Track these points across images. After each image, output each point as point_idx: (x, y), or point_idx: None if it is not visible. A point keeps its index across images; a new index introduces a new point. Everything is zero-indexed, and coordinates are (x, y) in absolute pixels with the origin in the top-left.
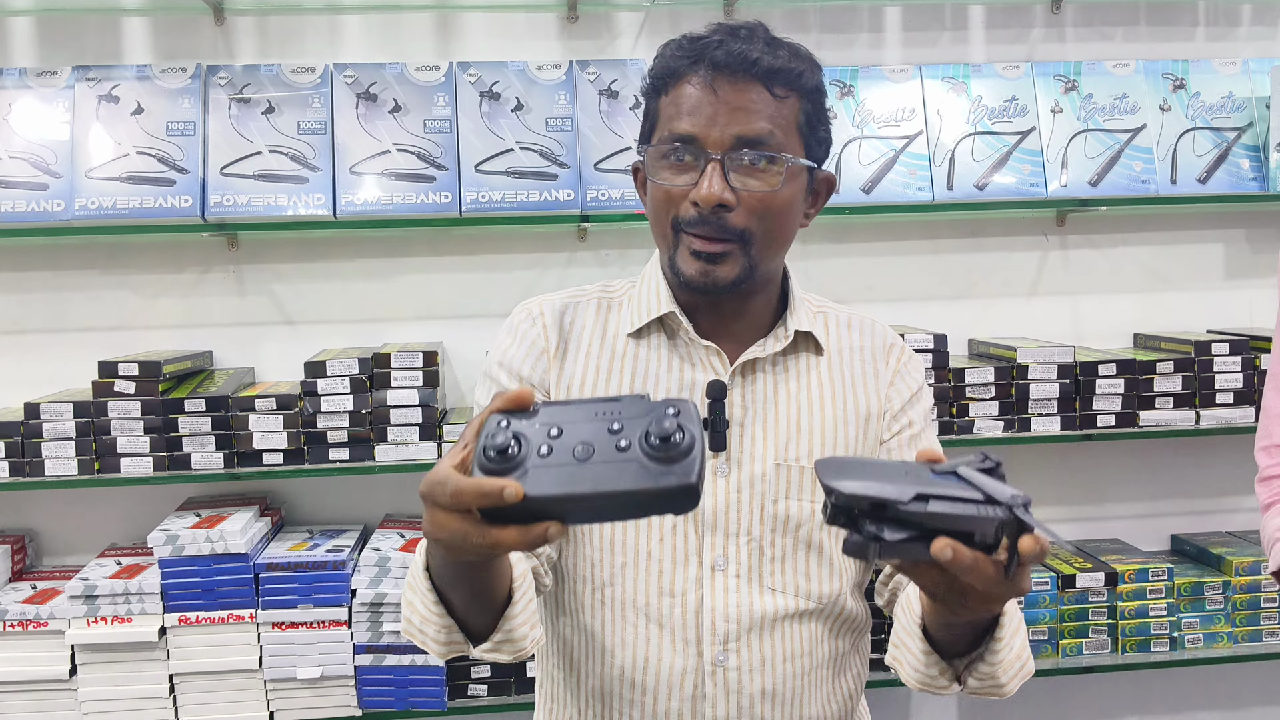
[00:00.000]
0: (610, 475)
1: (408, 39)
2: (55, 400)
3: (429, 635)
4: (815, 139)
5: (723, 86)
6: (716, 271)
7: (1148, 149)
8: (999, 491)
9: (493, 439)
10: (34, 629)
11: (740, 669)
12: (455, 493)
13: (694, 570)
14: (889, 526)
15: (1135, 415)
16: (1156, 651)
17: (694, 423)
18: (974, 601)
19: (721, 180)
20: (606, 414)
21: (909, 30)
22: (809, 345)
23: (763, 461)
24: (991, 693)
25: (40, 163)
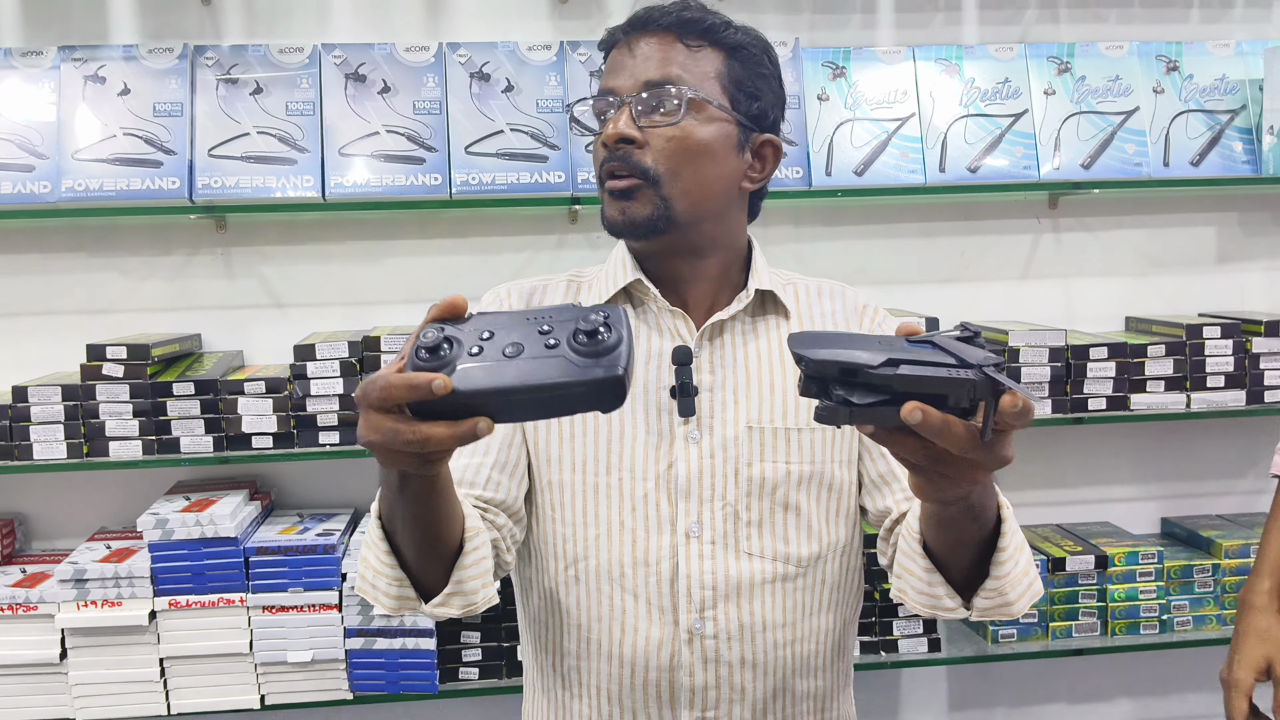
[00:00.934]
0: (537, 369)
1: (397, 19)
2: (43, 383)
3: (380, 589)
4: (744, 95)
5: (636, 42)
6: (631, 209)
7: (1140, 131)
8: (972, 355)
9: (426, 339)
10: (24, 613)
11: (718, 637)
12: (385, 387)
13: (668, 538)
14: (859, 391)
15: (1126, 398)
16: (1146, 634)
17: (621, 324)
18: (955, 472)
19: (628, 119)
20: (538, 319)
21: (901, 11)
22: (776, 309)
23: (734, 425)
24: (1000, 612)
25: (26, 144)
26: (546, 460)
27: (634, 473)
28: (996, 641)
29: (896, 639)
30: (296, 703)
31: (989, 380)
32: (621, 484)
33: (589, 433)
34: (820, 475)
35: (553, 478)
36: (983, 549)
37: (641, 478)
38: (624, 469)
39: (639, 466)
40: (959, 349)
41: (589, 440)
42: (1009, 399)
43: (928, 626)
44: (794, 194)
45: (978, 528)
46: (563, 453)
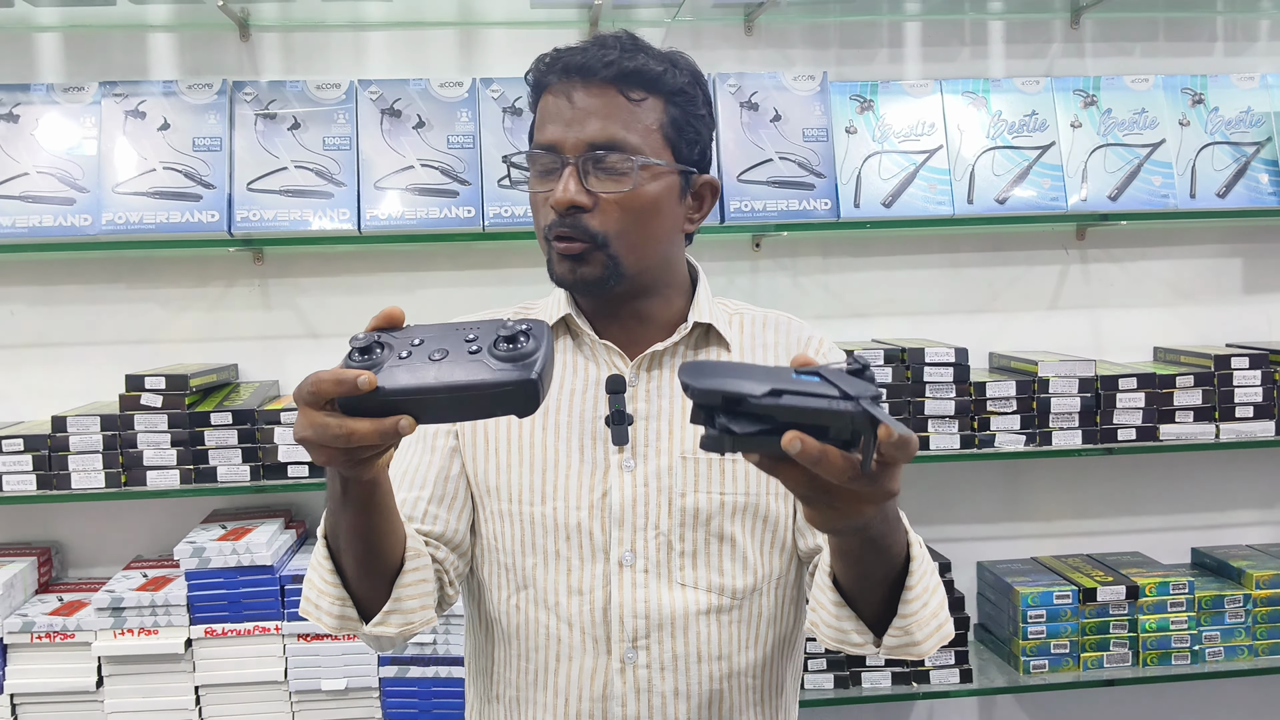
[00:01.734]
0: (457, 371)
1: (431, 55)
2: (82, 413)
3: (323, 608)
4: (684, 141)
5: (576, 92)
6: (581, 270)
7: (1167, 163)
8: (854, 387)
9: (358, 342)
10: (61, 640)
11: (650, 667)
12: (315, 382)
13: (601, 567)
14: (742, 420)
15: (1155, 429)
16: (1178, 664)
17: (542, 334)
18: (841, 503)
19: (577, 183)
20: (465, 329)
21: (929, 45)
22: (719, 342)
23: (669, 455)
24: (907, 652)
25: (67, 177)
26: (486, 491)
27: (568, 501)
28: (1028, 672)
29: (928, 670)
30: None
31: (866, 413)
32: (556, 513)
33: (524, 462)
34: (755, 506)
35: (493, 508)
36: (893, 586)
37: (575, 506)
38: (558, 498)
39: (573, 495)
40: (843, 381)
41: (524, 470)
42: (884, 431)
43: (959, 658)
44: (822, 225)
45: (882, 563)
46: (500, 483)
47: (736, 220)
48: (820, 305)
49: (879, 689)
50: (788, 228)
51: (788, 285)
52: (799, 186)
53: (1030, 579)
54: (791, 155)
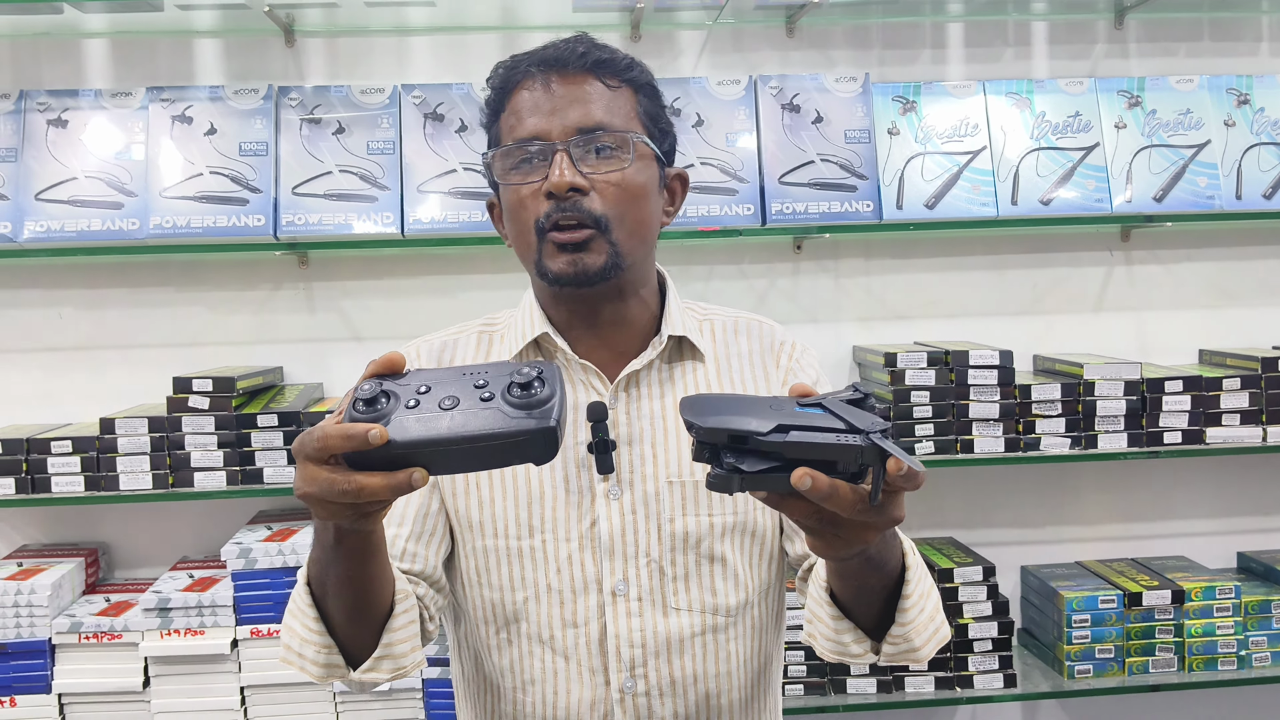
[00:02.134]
0: (471, 420)
1: (474, 59)
2: (130, 415)
3: (307, 657)
4: (658, 131)
5: (555, 82)
6: (584, 259)
7: (1212, 164)
8: (861, 420)
9: (364, 392)
10: (108, 641)
11: (649, 694)
12: (322, 437)
13: (594, 598)
14: (749, 459)
15: (1202, 432)
16: (1224, 670)
17: (555, 378)
18: (848, 533)
19: (571, 166)
20: (473, 374)
21: (971, 46)
22: (691, 353)
23: (654, 480)
24: (907, 658)
25: (115, 182)
26: (468, 526)
27: (556, 533)
28: (1073, 677)
29: (972, 675)
30: None
31: (875, 447)
32: (545, 546)
33: (508, 495)
34: (743, 524)
35: (475, 544)
36: (888, 595)
37: (565, 539)
38: (546, 530)
39: (561, 527)
40: (848, 413)
41: (509, 503)
42: (894, 464)
43: (1003, 662)
44: (865, 228)
45: (880, 576)
46: (483, 518)
47: (778, 222)
48: (862, 307)
49: (922, 694)
50: (830, 229)
51: (829, 287)
52: (841, 188)
53: (1075, 583)
54: (833, 157)
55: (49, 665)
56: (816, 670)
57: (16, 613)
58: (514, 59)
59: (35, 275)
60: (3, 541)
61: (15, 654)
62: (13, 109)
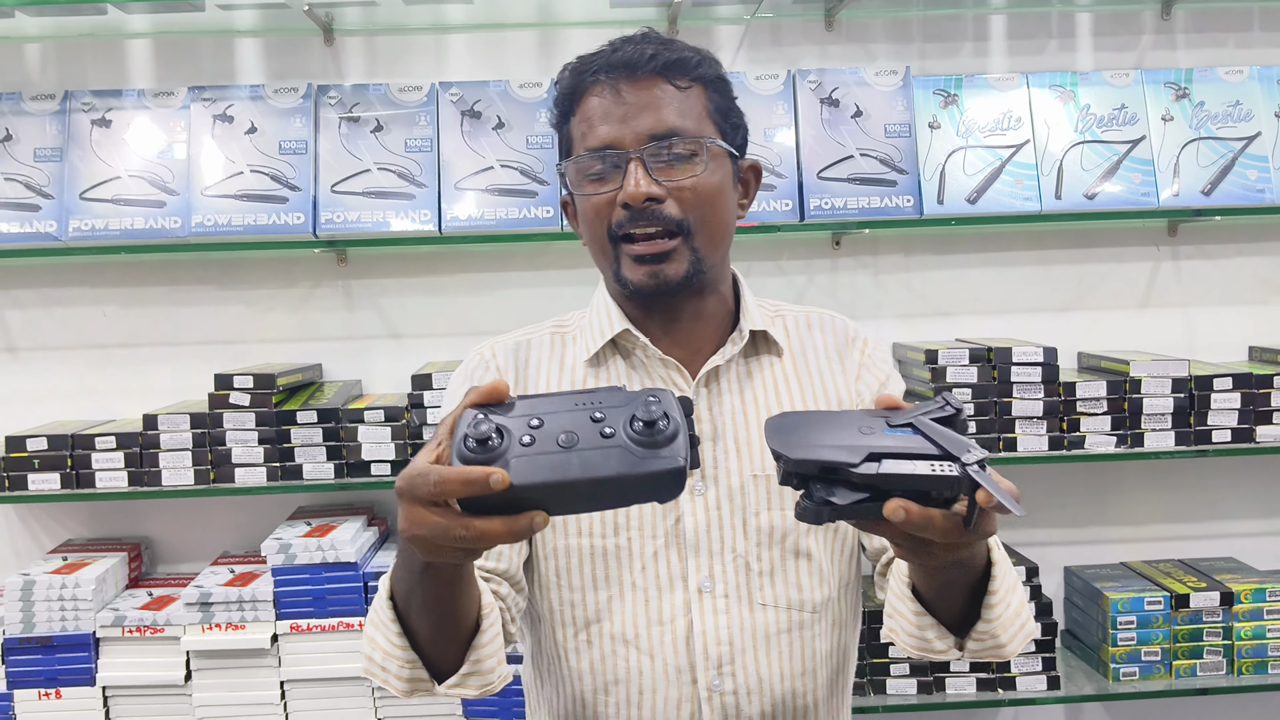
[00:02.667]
0: (597, 461)
1: (511, 56)
2: (172, 411)
3: (391, 672)
4: (729, 126)
5: (624, 88)
6: (665, 271)
7: (1263, 157)
8: (955, 445)
9: (474, 428)
10: (151, 635)
11: (737, 692)
12: (439, 481)
13: (680, 595)
14: (840, 489)
15: (1252, 430)
16: (1275, 673)
17: (675, 409)
18: (939, 550)
19: (645, 175)
20: (586, 404)
21: (1014, 39)
22: (768, 347)
23: (739, 474)
24: (993, 654)
25: (158, 181)
26: (551, 527)
27: (643, 531)
28: (1118, 680)
29: (1014, 676)
30: None
31: (972, 480)
32: (630, 544)
33: None
34: None
35: (557, 544)
36: (973, 591)
37: (650, 535)
38: (632, 528)
39: (647, 524)
40: (941, 435)
41: None
42: (983, 496)
43: (1046, 664)
44: (905, 223)
45: (965, 573)
46: (567, 518)
47: (817, 218)
48: (903, 304)
49: (964, 695)
50: (869, 225)
51: (869, 284)
52: (881, 183)
53: (1120, 584)
54: (873, 152)
55: (93, 658)
56: (858, 671)
57: (62, 606)
58: (582, 61)
59: (80, 274)
60: (48, 536)
61: (61, 647)
62: (58, 109)
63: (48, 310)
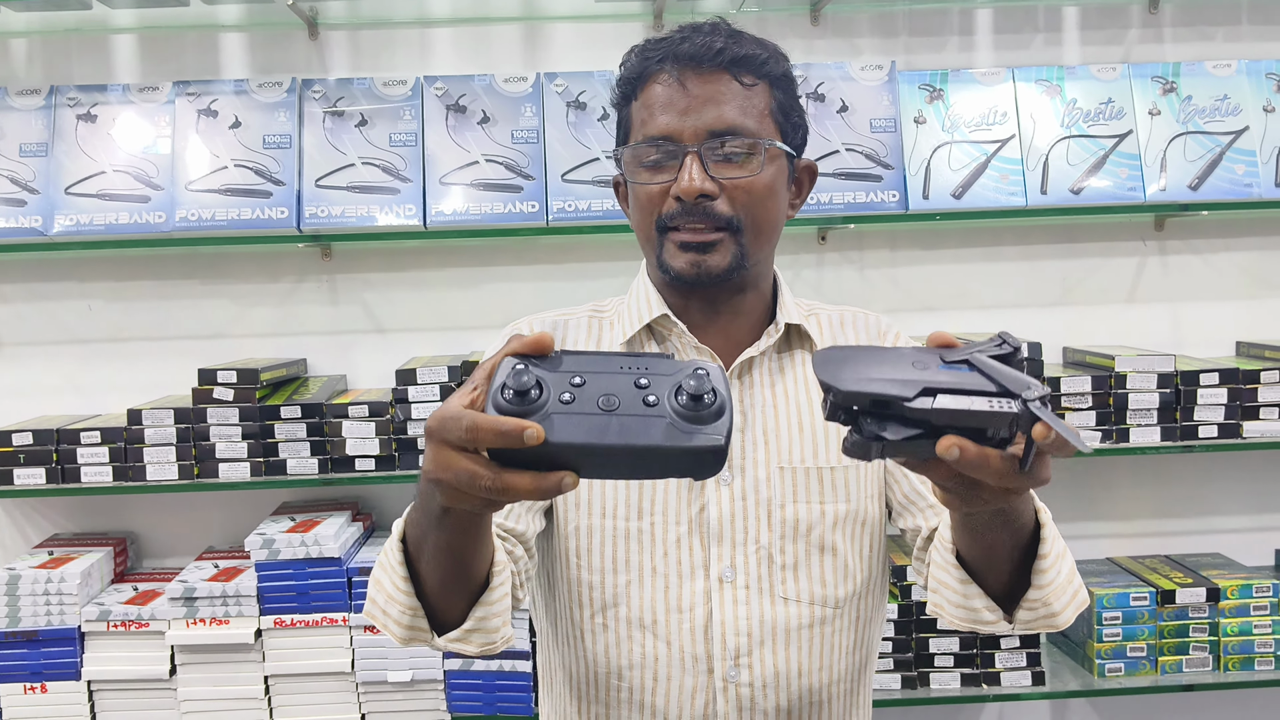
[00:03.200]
0: (638, 429)
1: (496, 50)
2: (156, 406)
3: (391, 617)
4: (790, 126)
5: (690, 80)
6: (707, 261)
7: (1250, 151)
8: (1014, 381)
9: (514, 378)
10: (136, 629)
11: (753, 685)
12: (471, 428)
13: (701, 583)
14: (892, 424)
15: (1239, 426)
16: (1261, 670)
17: (723, 385)
18: (989, 494)
19: (701, 171)
20: (632, 368)
21: (1000, 33)
22: (802, 342)
23: (765, 466)
24: (1045, 624)
25: (143, 176)
26: (576, 505)
27: (666, 517)
28: (1103, 675)
29: (999, 671)
30: None
31: (1032, 415)
32: (654, 528)
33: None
34: (855, 513)
35: (580, 523)
36: (1021, 558)
37: (675, 522)
38: (656, 513)
39: (671, 510)
40: (998, 372)
41: (620, 484)
42: (1040, 429)
43: (1031, 660)
44: (890, 218)
45: (1011, 533)
46: (592, 497)
47: (802, 213)
48: (888, 299)
49: (948, 690)
50: (854, 220)
51: (854, 279)
52: (866, 178)
53: (1106, 580)
54: (859, 146)
55: (78, 653)
56: None
57: (47, 601)
58: (649, 46)
59: (65, 268)
60: (33, 530)
61: (46, 641)
62: (43, 104)
63: (33, 305)
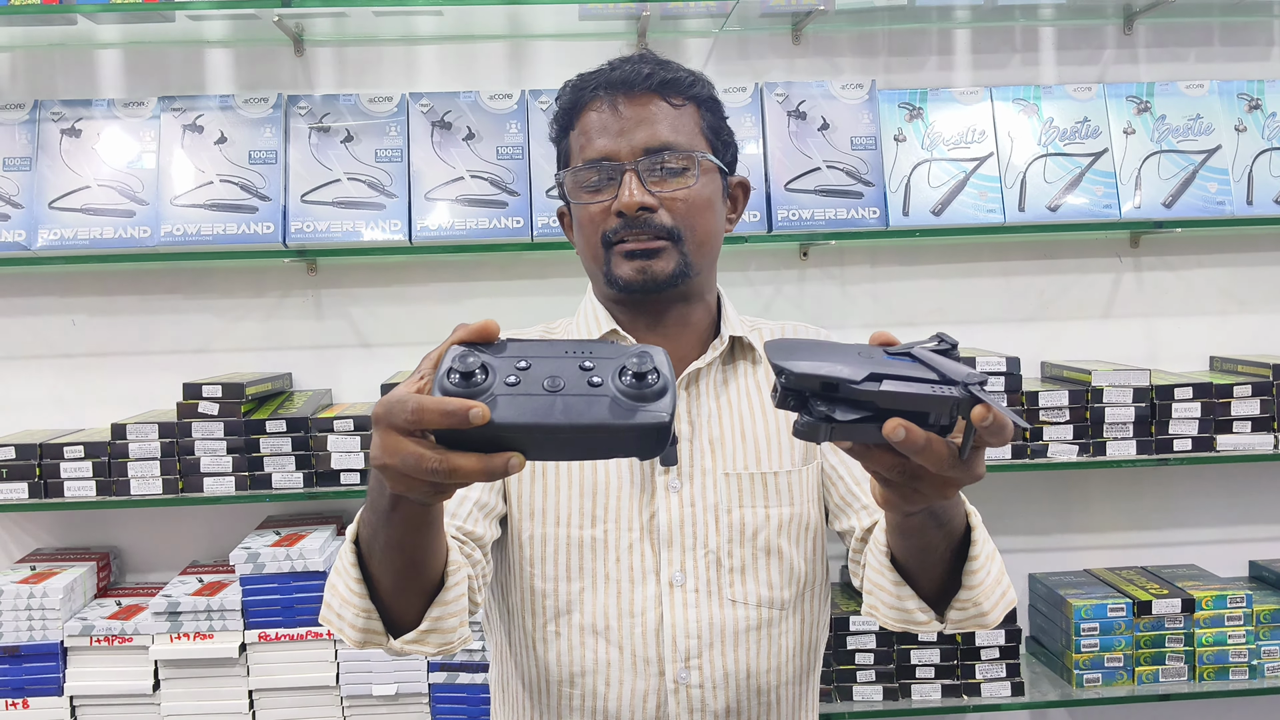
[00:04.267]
0: (583, 408)
1: (481, 68)
2: (141, 421)
3: (346, 620)
4: (720, 143)
5: (622, 104)
6: (653, 267)
7: (1223, 170)
8: (954, 371)
9: (459, 362)
10: (119, 644)
11: (704, 686)
12: (417, 409)
13: (652, 588)
14: (841, 407)
15: (1213, 439)
16: (1235, 680)
17: (666, 367)
18: (927, 487)
19: (640, 186)
20: (576, 352)
21: (979, 52)
22: (745, 355)
23: (713, 473)
24: (976, 623)
25: (127, 190)
26: (530, 514)
27: (619, 524)
28: (1081, 685)
29: (979, 682)
30: None
31: (972, 398)
32: (607, 535)
33: (574, 484)
34: (800, 517)
35: (534, 531)
36: (953, 560)
37: (627, 528)
38: (609, 520)
39: (624, 517)
40: (939, 363)
41: (574, 493)
42: (982, 411)
43: (1011, 670)
44: (870, 234)
45: (944, 535)
46: (546, 505)
47: (784, 229)
48: (869, 315)
49: (929, 701)
50: (836, 236)
51: (836, 294)
52: (847, 195)
53: (1083, 591)
54: (839, 164)
55: (61, 668)
56: (824, 677)
57: (30, 615)
58: (581, 79)
59: (49, 283)
60: (16, 545)
61: (28, 656)
62: (27, 118)
63: (16, 319)
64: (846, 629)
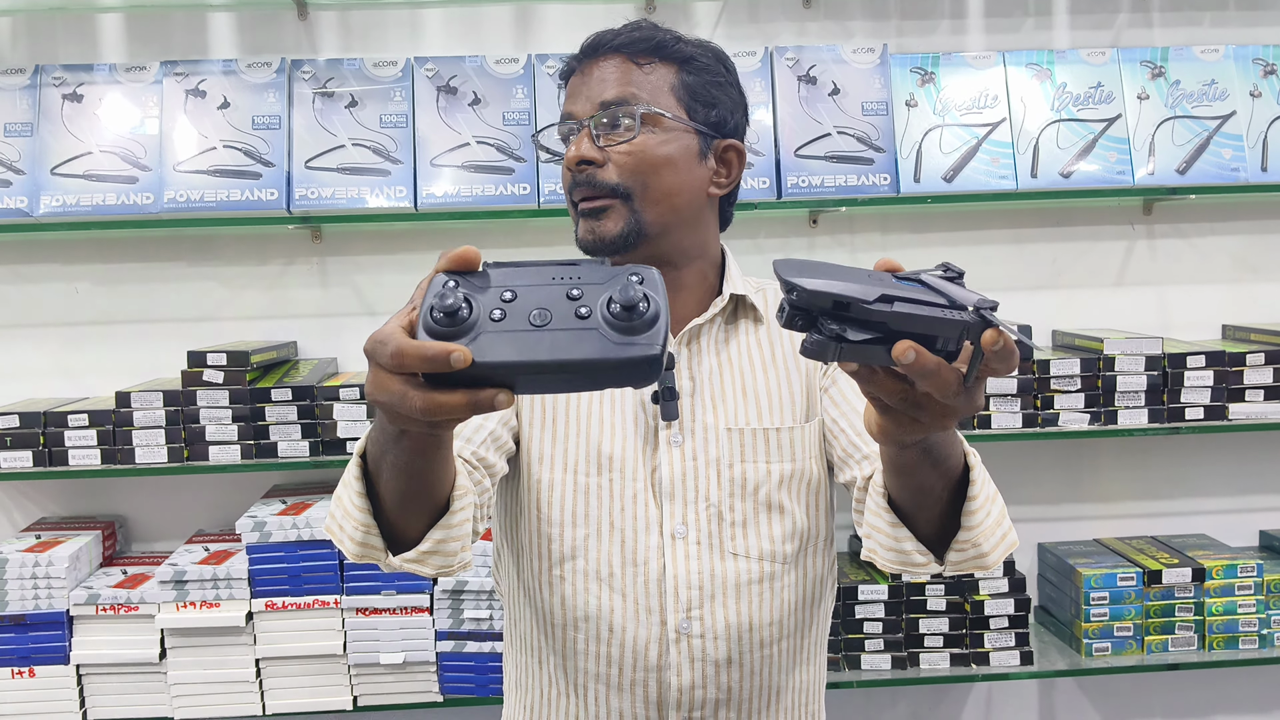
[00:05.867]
0: (569, 343)
1: (487, 32)
2: (145, 389)
3: (346, 532)
4: (700, 104)
5: (588, 68)
6: (600, 227)
7: (1237, 136)
8: (964, 296)
9: (441, 300)
10: (125, 613)
11: (704, 636)
12: (396, 353)
13: (655, 539)
14: (852, 327)
15: (1225, 408)
16: (1245, 649)
17: (658, 291)
18: (927, 416)
19: (589, 141)
20: (564, 278)
21: (991, 16)
22: (748, 314)
23: (714, 428)
24: (975, 565)
25: (130, 156)
26: (538, 458)
27: (624, 473)
28: (1090, 655)
29: (988, 651)
30: (388, 704)
31: (984, 322)
32: (612, 484)
33: (581, 433)
34: (801, 473)
35: (541, 476)
36: (951, 501)
37: (631, 478)
38: (614, 469)
39: (629, 467)
40: (948, 289)
41: (581, 440)
42: (992, 335)
43: (1020, 640)
44: (882, 201)
45: (940, 474)
46: (554, 452)
47: (794, 196)
48: None
49: (937, 670)
50: (846, 203)
51: (846, 261)
52: (858, 161)
53: (1093, 560)
54: (850, 129)
55: (67, 636)
56: (832, 646)
57: (35, 584)
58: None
59: (51, 250)
60: (21, 514)
61: (34, 625)
62: (28, 84)
63: (19, 287)
64: (855, 598)
